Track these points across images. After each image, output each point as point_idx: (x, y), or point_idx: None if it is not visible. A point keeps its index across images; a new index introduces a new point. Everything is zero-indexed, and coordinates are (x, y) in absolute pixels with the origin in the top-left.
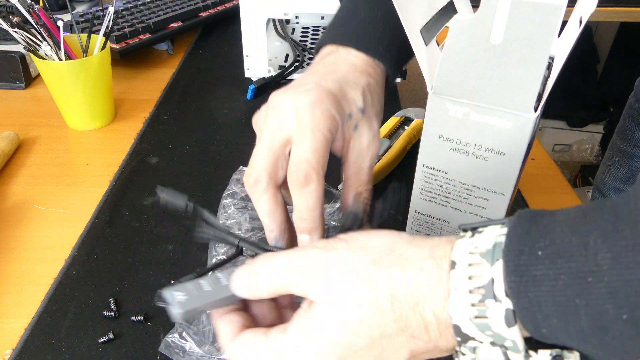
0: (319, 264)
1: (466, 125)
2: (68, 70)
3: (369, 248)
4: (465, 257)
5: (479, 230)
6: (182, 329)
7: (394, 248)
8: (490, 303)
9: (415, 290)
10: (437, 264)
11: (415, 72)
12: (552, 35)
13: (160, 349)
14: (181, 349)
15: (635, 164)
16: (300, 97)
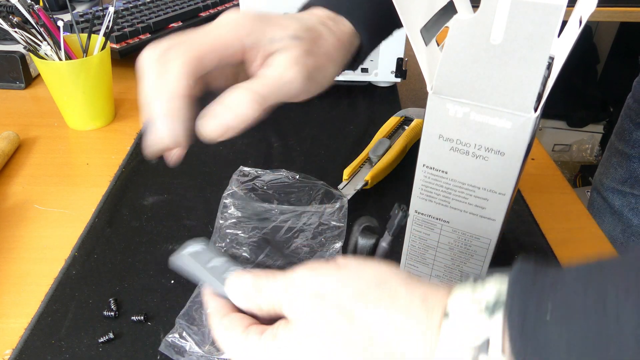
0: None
1: (466, 125)
2: (68, 70)
3: (359, 277)
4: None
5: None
6: (182, 329)
7: (386, 281)
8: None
9: (396, 339)
10: (427, 313)
11: (415, 72)
12: (552, 35)
13: (161, 349)
14: (181, 349)
15: (633, 165)
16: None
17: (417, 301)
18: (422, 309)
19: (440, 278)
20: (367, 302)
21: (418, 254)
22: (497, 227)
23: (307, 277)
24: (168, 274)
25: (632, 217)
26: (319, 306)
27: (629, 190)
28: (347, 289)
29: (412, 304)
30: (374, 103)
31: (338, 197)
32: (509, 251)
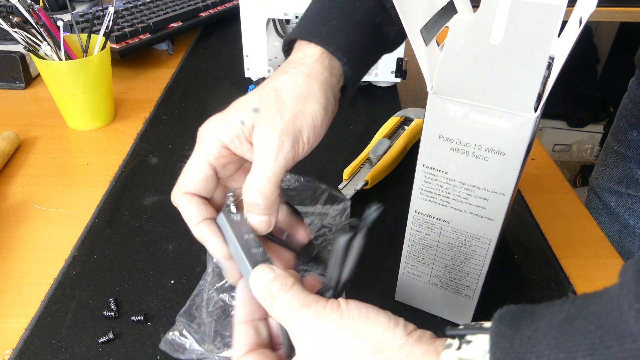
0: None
1: (466, 125)
2: (68, 70)
3: (357, 336)
4: None
5: (467, 339)
6: (183, 327)
7: (383, 348)
8: None
9: None
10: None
11: (415, 72)
12: (552, 35)
13: (161, 346)
14: (181, 346)
15: (628, 165)
16: (201, 128)
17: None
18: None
19: (440, 278)
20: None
21: (418, 254)
22: (497, 227)
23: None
24: (168, 274)
25: (628, 217)
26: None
27: (624, 190)
28: (347, 348)
29: None
30: (374, 103)
31: (341, 200)
32: (509, 251)
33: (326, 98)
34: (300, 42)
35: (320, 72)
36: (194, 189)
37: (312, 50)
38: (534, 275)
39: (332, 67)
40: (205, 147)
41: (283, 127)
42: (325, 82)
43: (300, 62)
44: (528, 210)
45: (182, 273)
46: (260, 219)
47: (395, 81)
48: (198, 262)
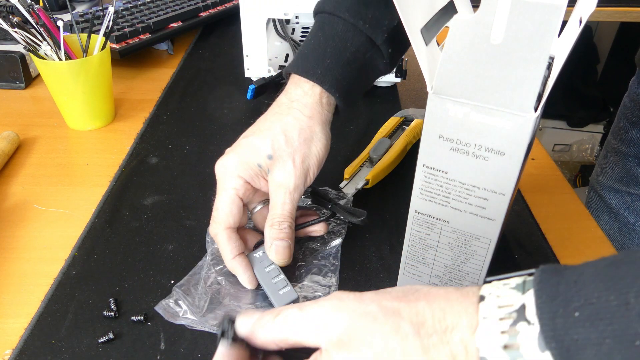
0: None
1: (466, 125)
2: (68, 70)
3: (390, 291)
4: (494, 290)
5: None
6: (179, 297)
7: (418, 289)
8: (522, 327)
9: (442, 319)
10: (464, 296)
11: (415, 72)
12: (552, 35)
13: (156, 308)
14: (175, 313)
15: (629, 163)
16: (219, 165)
17: (452, 290)
18: (458, 294)
19: (440, 278)
20: (409, 301)
21: (418, 254)
22: (497, 227)
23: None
24: (168, 274)
25: (629, 215)
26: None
27: (624, 189)
28: (386, 296)
29: (449, 293)
30: (374, 103)
31: (343, 196)
32: (509, 251)
33: (326, 137)
34: (298, 77)
35: (320, 113)
36: (233, 222)
37: (310, 88)
38: None
39: (329, 104)
40: (232, 183)
41: (295, 172)
42: (325, 122)
43: (302, 102)
44: (528, 210)
45: (182, 273)
46: (282, 244)
47: (395, 81)
48: (198, 262)
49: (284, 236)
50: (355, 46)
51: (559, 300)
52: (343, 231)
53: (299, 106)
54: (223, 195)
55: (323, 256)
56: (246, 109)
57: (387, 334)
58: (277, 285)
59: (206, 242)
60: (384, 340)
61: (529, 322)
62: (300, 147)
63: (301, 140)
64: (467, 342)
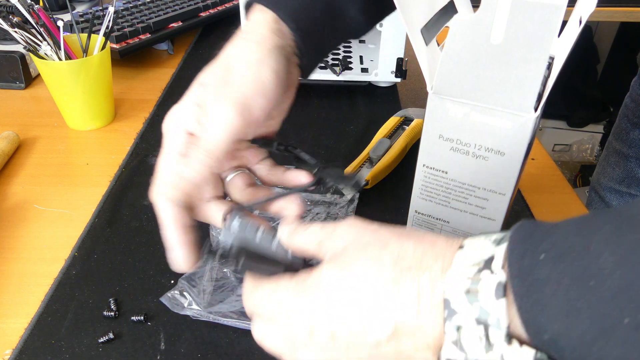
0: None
1: (466, 125)
2: (68, 70)
3: (396, 228)
4: (476, 242)
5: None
6: (184, 288)
7: (417, 231)
8: (484, 275)
9: (420, 259)
10: (449, 244)
11: (415, 72)
12: (552, 35)
13: (162, 299)
14: (180, 304)
15: (630, 164)
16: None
17: (441, 238)
18: (445, 243)
19: None
20: (400, 236)
21: None
22: (497, 227)
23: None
24: (168, 274)
25: None
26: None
27: (626, 189)
28: (387, 230)
29: (438, 240)
30: (374, 103)
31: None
32: None
33: (276, 61)
34: (255, 7)
35: (268, 37)
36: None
37: (262, 15)
38: None
39: (281, 31)
40: (171, 139)
41: (230, 95)
42: (275, 46)
43: (250, 31)
44: (528, 210)
45: (181, 273)
46: None
47: (395, 81)
48: None
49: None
50: None
51: (528, 244)
52: None
53: (246, 35)
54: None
55: None
56: None
57: (369, 260)
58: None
59: (210, 235)
60: (364, 265)
61: (492, 271)
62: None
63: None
64: (434, 281)
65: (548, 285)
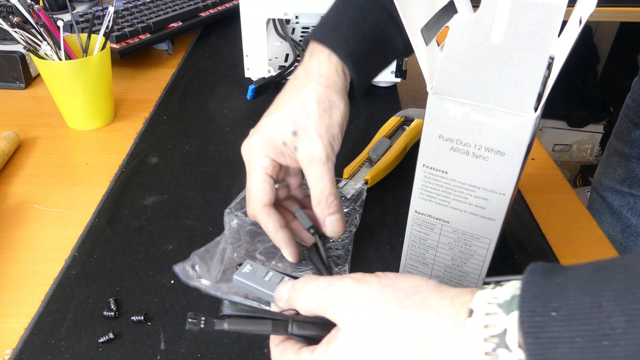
0: (351, 294)
1: (466, 125)
2: (68, 70)
3: (396, 287)
4: (483, 307)
5: (501, 283)
6: (195, 263)
7: (419, 290)
8: (502, 353)
9: (431, 335)
10: (455, 311)
11: (415, 72)
12: (552, 35)
13: (174, 267)
14: (191, 276)
15: (631, 165)
16: (245, 147)
17: (446, 302)
18: (450, 309)
19: (440, 278)
20: (406, 307)
21: (418, 254)
22: (497, 227)
23: (353, 286)
24: (168, 274)
25: (631, 216)
26: (365, 312)
27: (627, 190)
28: (388, 297)
29: (443, 306)
30: (374, 103)
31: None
32: (509, 251)
33: (345, 104)
34: (315, 46)
35: (336, 82)
36: (268, 200)
37: (326, 58)
38: None
39: (344, 73)
40: (260, 162)
41: (323, 143)
42: (341, 89)
43: (318, 73)
44: (528, 210)
45: (182, 261)
46: (339, 217)
47: (395, 81)
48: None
49: (334, 210)
50: (374, 19)
51: (540, 301)
52: (356, 221)
53: (315, 77)
54: (253, 175)
55: (335, 245)
56: (246, 109)
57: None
58: None
59: (224, 222)
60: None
61: (509, 349)
62: (321, 118)
63: (321, 110)
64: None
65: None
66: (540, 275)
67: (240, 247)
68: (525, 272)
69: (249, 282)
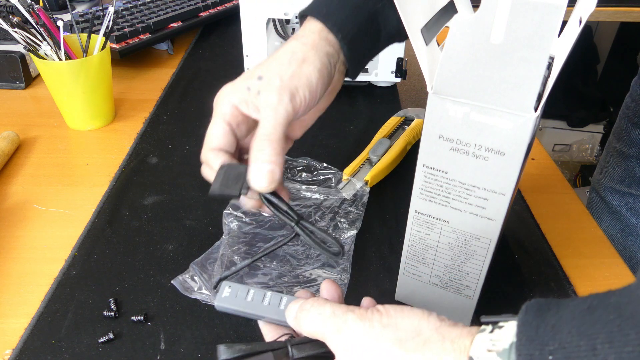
0: (353, 332)
1: (466, 125)
2: (68, 70)
3: (398, 327)
4: (483, 355)
5: (499, 325)
6: (195, 273)
7: (420, 332)
8: None
9: None
10: (456, 357)
11: (415, 72)
12: (552, 35)
13: (173, 282)
14: (190, 288)
15: (631, 164)
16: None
17: (447, 347)
18: (451, 355)
19: (440, 278)
20: (407, 350)
21: (418, 254)
22: (497, 227)
23: (355, 323)
24: (168, 274)
25: (630, 216)
26: (366, 353)
27: (626, 189)
28: (389, 338)
29: (444, 350)
30: (374, 103)
31: (361, 186)
32: (509, 251)
33: (321, 62)
34: (307, 18)
35: (316, 42)
36: (217, 144)
37: (313, 24)
38: (534, 275)
39: (329, 40)
40: (220, 109)
41: (281, 85)
42: (321, 50)
43: (301, 35)
44: (528, 210)
45: (182, 273)
46: (265, 167)
47: (395, 81)
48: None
49: (264, 158)
50: None
51: (535, 344)
52: (358, 223)
53: (296, 37)
54: (212, 121)
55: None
56: None
57: None
58: (272, 304)
59: (223, 224)
60: None
61: None
62: (289, 65)
63: (292, 60)
64: None
65: None
66: (536, 314)
67: (239, 249)
68: (521, 312)
69: (232, 307)
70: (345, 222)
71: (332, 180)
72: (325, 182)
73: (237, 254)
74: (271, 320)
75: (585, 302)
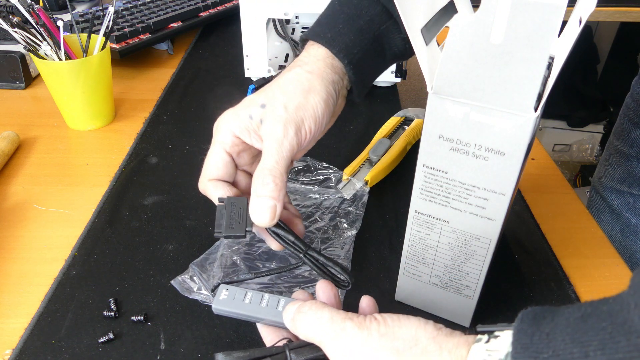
0: (351, 340)
1: (466, 125)
2: (68, 70)
3: (395, 336)
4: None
5: (495, 334)
6: (194, 273)
7: (418, 342)
8: None
9: None
10: None
11: (415, 72)
12: (552, 35)
13: (172, 282)
14: (189, 288)
15: (631, 164)
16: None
17: (445, 355)
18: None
19: (440, 278)
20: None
21: (418, 254)
22: (497, 227)
23: (353, 330)
24: (168, 274)
25: (631, 216)
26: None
27: (627, 189)
28: (386, 348)
29: (442, 358)
30: (374, 103)
31: (361, 186)
32: (509, 251)
33: (327, 92)
34: (310, 42)
35: (322, 70)
36: (216, 174)
37: (317, 50)
38: (534, 275)
39: (334, 66)
40: (220, 137)
41: (287, 117)
42: (326, 79)
43: (305, 62)
44: (528, 210)
45: (182, 273)
46: (267, 203)
47: (395, 81)
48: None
49: (266, 193)
50: (370, 15)
51: (530, 351)
52: (358, 223)
53: (301, 64)
54: (211, 150)
55: (336, 247)
56: None
57: None
58: (270, 306)
59: None
60: None
61: None
62: (294, 96)
63: (297, 90)
64: None
65: None
66: (531, 323)
67: (239, 249)
68: (517, 320)
69: (230, 309)
70: (345, 222)
71: (332, 180)
72: (325, 182)
73: (237, 255)
74: (270, 323)
75: (580, 310)
